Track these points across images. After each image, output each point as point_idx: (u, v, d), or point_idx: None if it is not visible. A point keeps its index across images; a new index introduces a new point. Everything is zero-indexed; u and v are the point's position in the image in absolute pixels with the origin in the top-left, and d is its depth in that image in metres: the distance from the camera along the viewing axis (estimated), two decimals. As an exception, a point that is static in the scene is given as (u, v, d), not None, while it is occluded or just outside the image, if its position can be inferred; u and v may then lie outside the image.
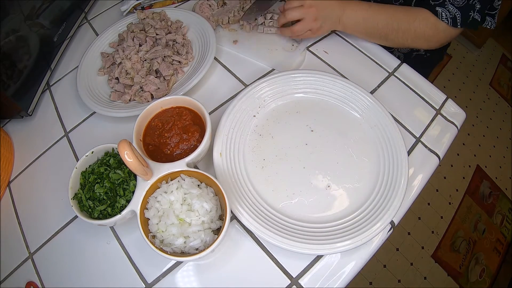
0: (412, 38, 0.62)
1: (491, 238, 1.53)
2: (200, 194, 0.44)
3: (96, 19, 0.82)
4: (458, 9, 0.58)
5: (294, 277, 0.47)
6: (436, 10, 0.59)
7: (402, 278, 1.40)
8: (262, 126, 0.58)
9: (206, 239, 0.42)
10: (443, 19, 0.59)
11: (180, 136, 0.50)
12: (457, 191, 1.63)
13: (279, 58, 0.67)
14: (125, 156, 0.40)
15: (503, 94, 2.02)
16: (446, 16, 0.58)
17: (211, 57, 0.63)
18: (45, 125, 0.66)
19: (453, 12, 0.58)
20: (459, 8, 0.58)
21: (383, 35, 0.64)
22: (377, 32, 0.64)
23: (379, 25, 0.63)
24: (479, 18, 0.58)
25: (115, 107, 0.61)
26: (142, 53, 0.66)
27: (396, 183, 0.50)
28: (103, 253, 0.51)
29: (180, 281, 0.48)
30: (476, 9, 0.57)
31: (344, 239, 0.46)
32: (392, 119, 0.55)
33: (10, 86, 0.59)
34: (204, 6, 0.75)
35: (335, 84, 0.59)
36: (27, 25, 0.62)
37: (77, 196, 0.47)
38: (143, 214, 0.44)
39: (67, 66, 0.73)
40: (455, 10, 0.58)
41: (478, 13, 0.58)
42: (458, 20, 0.58)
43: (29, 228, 0.55)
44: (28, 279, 0.50)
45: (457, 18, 0.58)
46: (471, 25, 0.59)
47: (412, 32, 0.61)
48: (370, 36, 0.66)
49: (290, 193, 0.51)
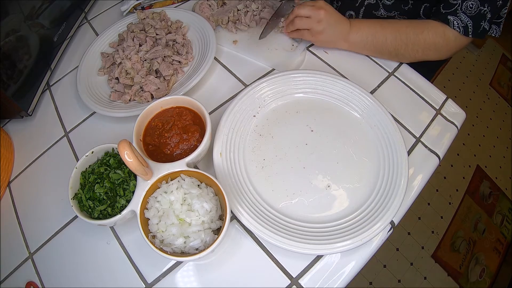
0: (422, 49, 0.61)
1: (491, 238, 1.53)
2: (200, 194, 0.44)
3: (96, 19, 0.82)
4: (470, 18, 0.57)
5: (294, 277, 0.47)
6: (448, 19, 0.58)
7: (402, 278, 1.40)
8: (262, 126, 0.58)
9: (206, 239, 0.42)
10: (454, 27, 0.58)
11: (180, 136, 0.50)
12: (457, 191, 1.63)
13: (279, 58, 0.67)
14: (125, 156, 0.40)
15: (503, 94, 2.02)
16: (458, 24, 0.58)
17: (211, 57, 0.63)
18: (45, 125, 0.66)
19: (465, 21, 0.58)
20: (471, 17, 0.57)
21: (393, 50, 0.63)
22: (386, 47, 0.63)
23: (387, 41, 0.62)
24: (487, 27, 0.58)
25: (115, 107, 0.61)
26: (142, 53, 0.66)
27: (396, 183, 0.50)
28: (103, 253, 0.51)
29: (180, 281, 0.48)
30: (487, 18, 0.57)
31: (344, 239, 0.46)
32: (392, 119, 0.55)
33: (10, 86, 0.59)
34: (204, 6, 0.75)
35: (335, 84, 0.59)
36: (27, 25, 0.62)
37: (77, 196, 0.47)
38: (143, 214, 0.44)
39: (67, 66, 0.73)
40: (467, 19, 0.57)
41: (488, 22, 0.58)
42: (469, 29, 0.58)
43: (29, 228, 0.55)
44: (28, 279, 0.50)
45: (469, 27, 0.58)
46: (481, 35, 0.59)
47: (422, 44, 0.60)
48: (380, 52, 0.65)
49: (290, 193, 0.51)
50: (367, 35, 0.63)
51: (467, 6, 0.57)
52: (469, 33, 0.58)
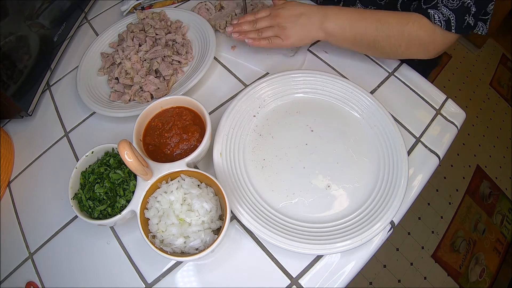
0: (405, 44, 0.56)
1: (491, 238, 1.53)
2: (200, 194, 0.44)
3: (96, 19, 0.82)
4: (452, 12, 0.53)
5: (294, 277, 0.47)
6: (428, 13, 0.54)
7: (402, 278, 1.40)
8: (262, 126, 0.58)
9: (206, 239, 0.42)
10: (435, 21, 0.54)
11: (180, 136, 0.50)
12: (457, 191, 1.63)
13: (279, 64, 0.66)
14: (125, 156, 0.40)
15: (503, 94, 2.02)
16: (439, 18, 0.54)
17: (211, 57, 0.63)
18: (45, 125, 0.66)
19: (447, 14, 0.53)
20: (453, 10, 0.53)
21: (372, 41, 0.57)
22: (365, 39, 0.57)
23: (367, 30, 0.56)
24: (472, 22, 0.54)
25: (115, 107, 0.61)
26: (141, 53, 0.66)
27: (396, 183, 0.50)
28: (103, 253, 0.51)
29: (180, 281, 0.48)
30: (472, 12, 0.53)
31: (344, 239, 0.46)
32: (392, 119, 0.55)
33: (10, 86, 0.59)
34: (202, 10, 0.74)
35: (335, 84, 0.59)
36: (27, 25, 0.62)
37: (77, 196, 0.47)
38: (143, 214, 0.44)
39: (67, 66, 0.73)
40: (449, 13, 0.53)
41: (472, 17, 0.54)
42: (452, 24, 0.54)
43: (29, 228, 0.55)
44: (28, 279, 0.50)
45: (451, 21, 0.53)
46: (466, 30, 0.55)
47: (405, 37, 0.55)
48: (358, 44, 0.59)
49: (290, 193, 0.51)
50: (345, 23, 0.57)
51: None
52: (451, 28, 0.54)
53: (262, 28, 0.61)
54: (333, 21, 0.58)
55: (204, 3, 0.75)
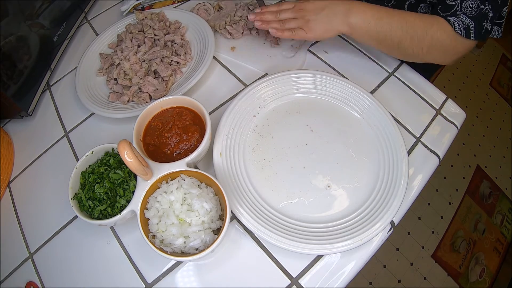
0: (427, 47, 0.55)
1: (491, 238, 1.53)
2: (200, 194, 0.44)
3: (96, 19, 0.82)
4: (471, 19, 0.52)
5: (294, 277, 0.47)
6: (448, 20, 0.53)
7: (402, 278, 1.40)
8: (262, 126, 0.58)
9: (206, 239, 0.42)
10: (456, 29, 0.53)
11: (180, 136, 0.50)
12: (457, 191, 1.63)
13: (279, 65, 0.66)
14: (125, 156, 0.40)
15: (503, 94, 2.02)
16: (459, 26, 0.53)
17: (209, 58, 0.63)
18: (45, 125, 0.66)
19: (466, 22, 0.53)
20: (472, 17, 0.52)
21: (397, 41, 0.56)
22: (389, 37, 0.56)
23: (392, 29, 0.55)
24: (490, 27, 0.54)
25: (113, 108, 0.61)
26: (140, 54, 0.66)
27: (396, 183, 0.50)
28: (103, 253, 0.51)
29: (180, 281, 0.48)
30: (489, 17, 0.53)
31: (344, 239, 0.46)
32: (392, 119, 0.55)
33: (10, 86, 0.59)
34: (200, 11, 0.74)
35: (335, 84, 0.59)
36: (27, 25, 0.62)
37: (77, 196, 0.47)
38: (143, 214, 0.44)
39: (67, 66, 0.73)
40: (468, 20, 0.52)
41: (490, 22, 0.53)
42: (471, 31, 0.53)
43: (29, 228, 0.55)
44: (28, 279, 0.50)
45: (471, 28, 0.53)
46: (483, 36, 0.54)
47: (428, 40, 0.54)
48: (381, 42, 0.58)
49: (290, 193, 0.51)
50: (371, 19, 0.56)
51: (466, 6, 0.52)
52: (470, 35, 0.53)
53: (285, 19, 0.61)
54: (358, 15, 0.56)
55: (203, 4, 0.75)
